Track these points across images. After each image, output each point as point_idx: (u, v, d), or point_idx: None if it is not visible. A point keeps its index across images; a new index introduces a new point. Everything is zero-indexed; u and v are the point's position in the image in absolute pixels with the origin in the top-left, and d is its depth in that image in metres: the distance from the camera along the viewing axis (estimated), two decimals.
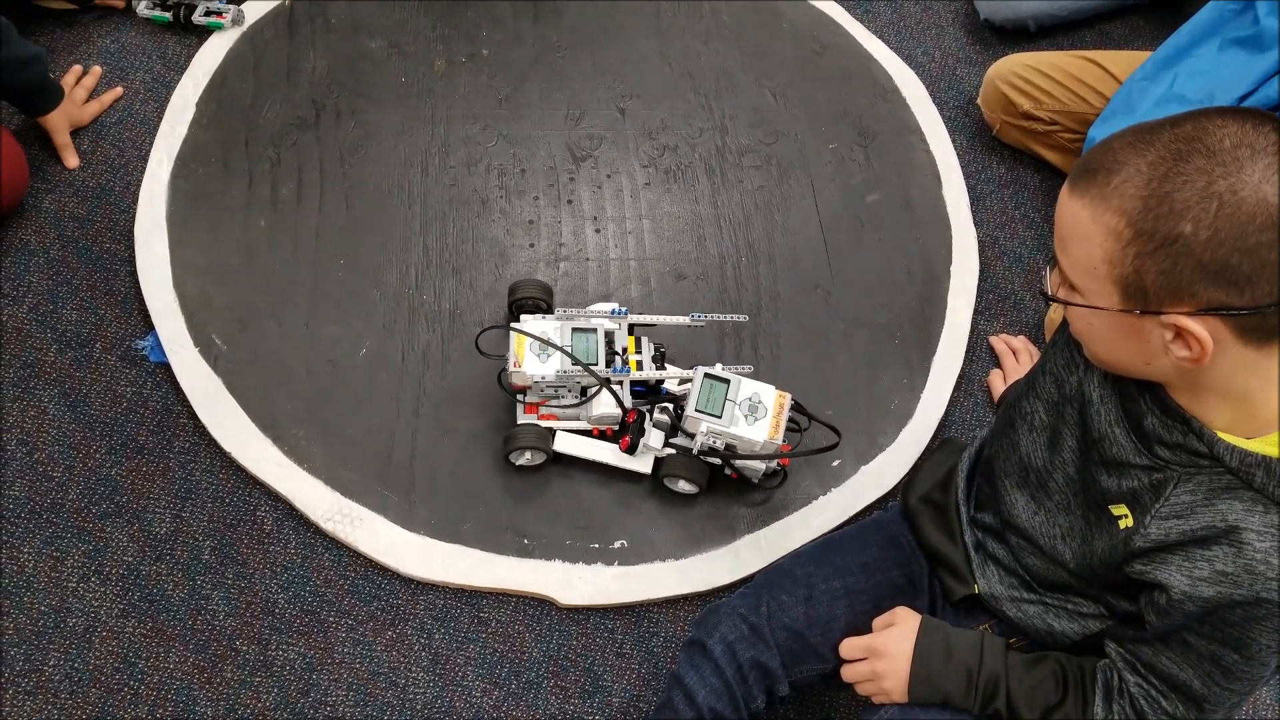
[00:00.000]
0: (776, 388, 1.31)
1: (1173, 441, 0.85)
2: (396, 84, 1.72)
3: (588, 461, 1.38)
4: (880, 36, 1.90)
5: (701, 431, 1.29)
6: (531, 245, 1.60)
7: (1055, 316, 1.55)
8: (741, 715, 1.08)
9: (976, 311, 1.62)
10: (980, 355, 1.60)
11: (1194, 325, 0.76)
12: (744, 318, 1.47)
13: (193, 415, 1.40)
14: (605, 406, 1.34)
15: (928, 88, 1.84)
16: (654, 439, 1.33)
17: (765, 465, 1.34)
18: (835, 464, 1.44)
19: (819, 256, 1.63)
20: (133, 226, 1.53)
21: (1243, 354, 0.77)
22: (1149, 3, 1.97)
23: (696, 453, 1.32)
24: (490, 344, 1.41)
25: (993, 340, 1.60)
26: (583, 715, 1.28)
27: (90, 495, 1.35)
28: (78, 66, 1.68)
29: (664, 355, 1.42)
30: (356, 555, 1.34)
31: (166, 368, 1.44)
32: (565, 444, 1.36)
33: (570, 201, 1.65)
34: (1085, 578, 0.96)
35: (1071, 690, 0.95)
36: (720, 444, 1.30)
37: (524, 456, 1.36)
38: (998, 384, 1.54)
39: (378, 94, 1.71)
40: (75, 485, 1.35)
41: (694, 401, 1.28)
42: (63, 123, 1.58)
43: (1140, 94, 1.46)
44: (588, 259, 1.59)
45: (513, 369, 1.30)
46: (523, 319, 1.37)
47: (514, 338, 1.31)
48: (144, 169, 1.59)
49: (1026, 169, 1.79)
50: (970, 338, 1.59)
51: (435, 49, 1.77)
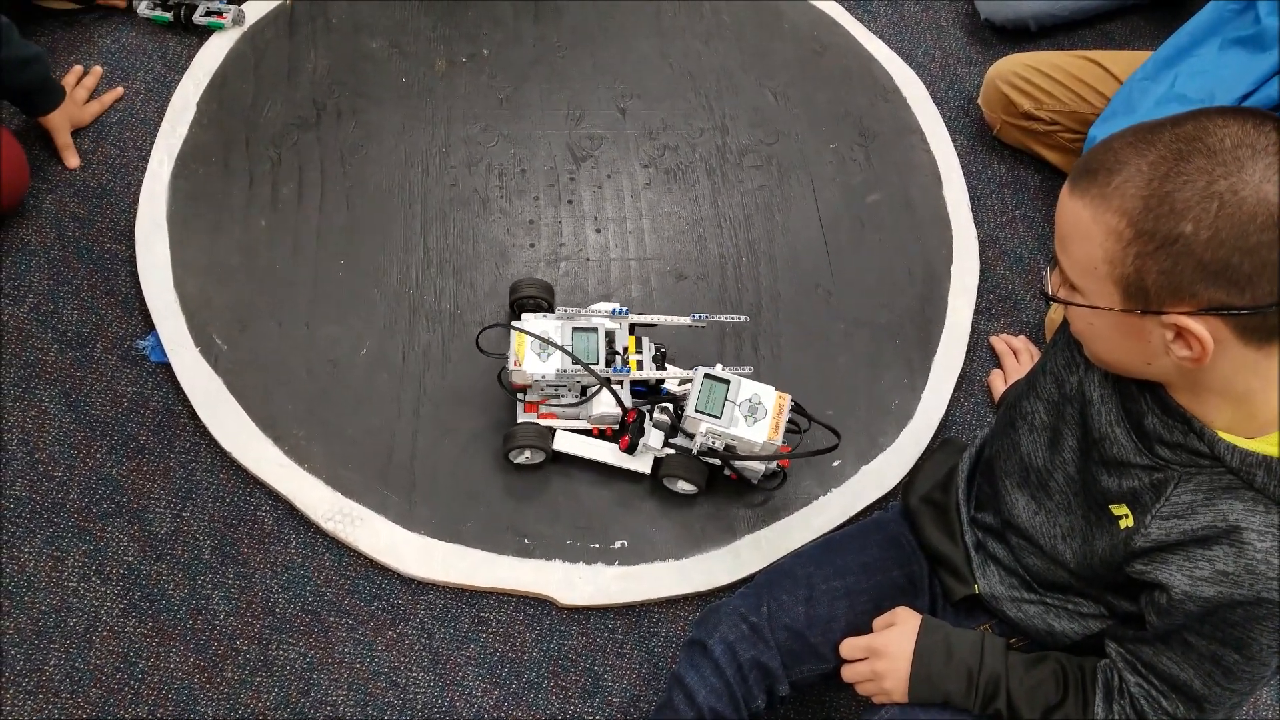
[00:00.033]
0: (777, 388, 1.31)
1: (1173, 441, 0.85)
2: (397, 84, 1.73)
3: (587, 461, 1.38)
4: (881, 36, 1.90)
5: (701, 432, 1.29)
6: (532, 245, 1.60)
7: (1056, 316, 1.55)
8: (742, 715, 1.08)
9: (977, 311, 1.62)
10: (981, 355, 1.60)
11: (1195, 325, 0.76)
12: (745, 319, 1.47)
13: (193, 415, 1.40)
14: (605, 406, 1.34)
15: (928, 88, 1.84)
16: (653, 439, 1.33)
17: (765, 466, 1.34)
18: (836, 464, 1.44)
19: (819, 256, 1.63)
20: (133, 226, 1.53)
21: (1243, 354, 0.77)
22: (1149, 3, 1.97)
23: (696, 453, 1.32)
24: (491, 342, 1.41)
25: (993, 340, 1.60)
26: (583, 715, 1.28)
27: (91, 495, 1.35)
28: (78, 66, 1.68)
29: (665, 355, 1.42)
30: (357, 555, 1.34)
31: (167, 368, 1.44)
32: (565, 443, 1.36)
33: (571, 201, 1.65)
34: (1086, 578, 0.96)
35: (1072, 690, 0.95)
36: (719, 445, 1.30)
37: (523, 455, 1.36)
38: (998, 384, 1.54)
39: (378, 94, 1.71)
40: (76, 485, 1.35)
41: (694, 402, 1.28)
42: (64, 123, 1.58)
43: (1141, 94, 1.46)
44: (588, 259, 1.59)
45: (513, 367, 1.30)
46: (524, 318, 1.37)
47: (515, 336, 1.31)
48: (145, 169, 1.59)
49: (1027, 169, 1.79)
50: (971, 338, 1.59)
51: (436, 49, 1.78)
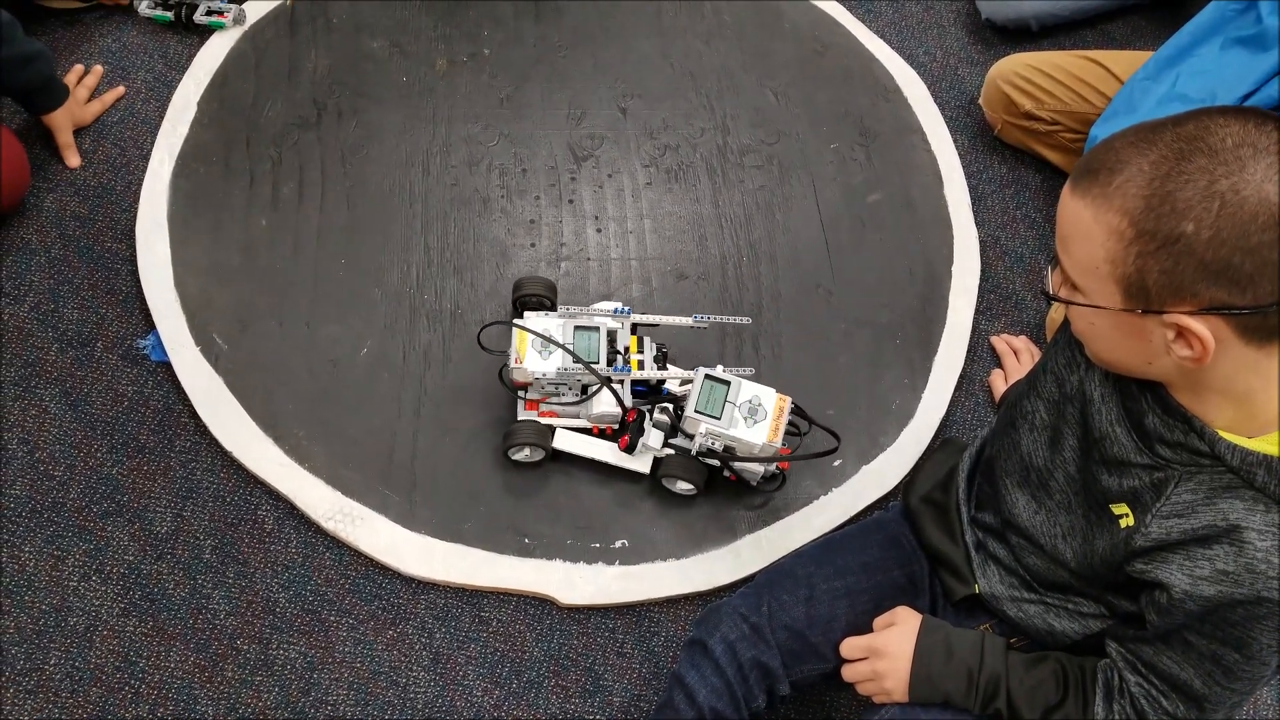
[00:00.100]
0: (777, 389, 1.30)
1: (1174, 440, 0.85)
2: (398, 83, 1.73)
3: (587, 460, 1.38)
4: (882, 36, 1.90)
5: (700, 432, 1.29)
6: (533, 245, 1.60)
7: (1056, 316, 1.55)
8: (742, 715, 1.08)
9: (978, 311, 1.62)
10: (981, 355, 1.59)
11: (1196, 325, 0.76)
12: (747, 320, 1.47)
13: (194, 415, 1.40)
14: (605, 405, 1.34)
15: (929, 87, 1.84)
16: (653, 439, 1.33)
17: (764, 468, 1.34)
18: (836, 464, 1.44)
19: (820, 256, 1.63)
20: (134, 226, 1.53)
21: (1244, 353, 0.77)
22: (1150, 2, 1.97)
23: (695, 454, 1.32)
24: (492, 340, 1.41)
25: (994, 340, 1.60)
26: (584, 715, 1.28)
27: (91, 494, 1.35)
28: (79, 66, 1.68)
29: (666, 355, 1.42)
30: (357, 555, 1.34)
31: (167, 367, 1.44)
32: (564, 441, 1.36)
33: (571, 201, 1.65)
34: (1086, 577, 0.96)
35: (1072, 690, 0.95)
36: (719, 445, 1.30)
37: (523, 452, 1.36)
38: (999, 384, 1.54)
39: (379, 93, 1.71)
40: (76, 484, 1.35)
41: (694, 402, 1.28)
42: (66, 122, 1.58)
43: (1142, 93, 1.45)
44: (589, 258, 1.59)
45: (514, 365, 1.30)
46: (526, 316, 1.37)
47: (516, 334, 1.31)
48: (145, 168, 1.59)
49: (1028, 169, 1.79)
50: (971, 338, 1.59)
51: (437, 49, 1.78)
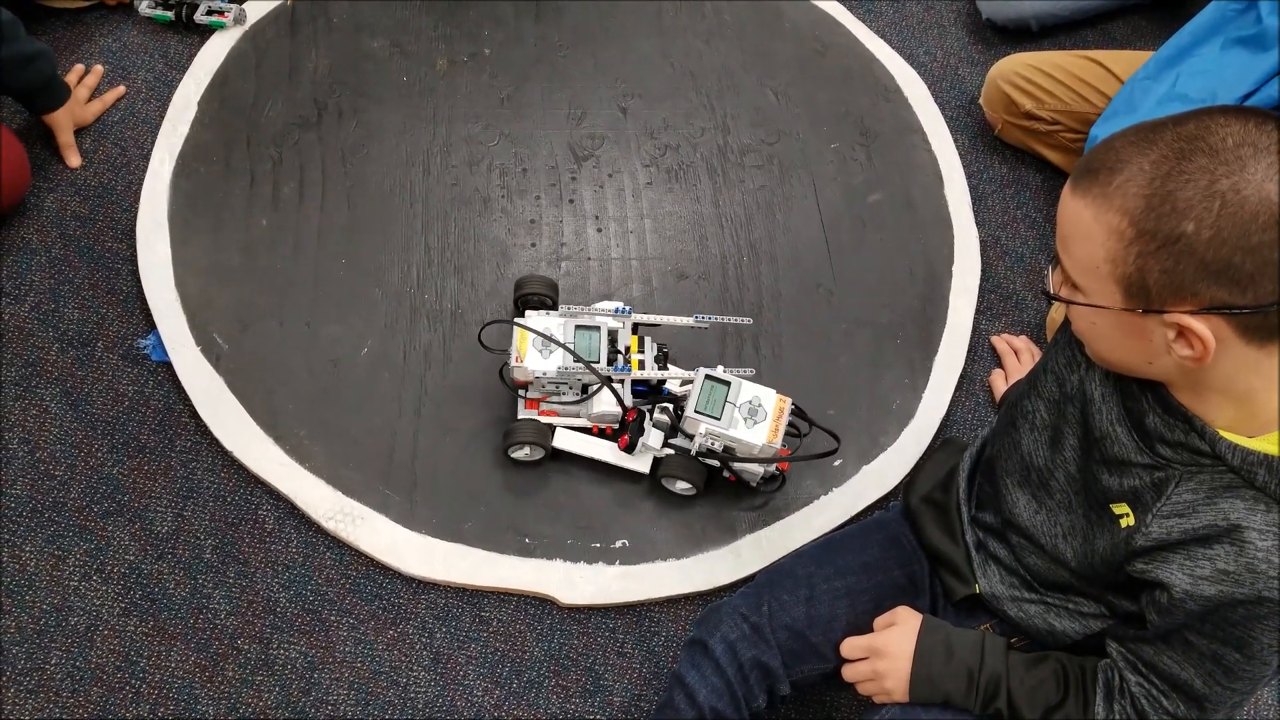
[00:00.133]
0: (778, 389, 1.30)
1: (1174, 440, 0.85)
2: (398, 83, 1.73)
3: (587, 460, 1.38)
4: (882, 36, 1.90)
5: (700, 433, 1.29)
6: (533, 244, 1.60)
7: (1057, 316, 1.55)
8: (743, 714, 1.08)
9: (978, 311, 1.62)
10: (982, 355, 1.59)
11: (1196, 324, 0.75)
12: (748, 320, 1.46)
13: (194, 414, 1.40)
14: (605, 404, 1.34)
15: (930, 87, 1.84)
16: (653, 439, 1.33)
17: (764, 469, 1.34)
18: (837, 464, 1.44)
19: (821, 256, 1.63)
20: (134, 225, 1.53)
21: (1245, 353, 0.77)
22: (1151, 2, 1.97)
23: (695, 454, 1.32)
24: (493, 338, 1.41)
25: (994, 340, 1.60)
26: (584, 714, 1.28)
27: (92, 494, 1.35)
28: (80, 65, 1.68)
29: (667, 355, 1.42)
30: (358, 554, 1.34)
31: (168, 367, 1.44)
32: (564, 440, 1.36)
33: (572, 201, 1.65)
34: (1086, 577, 0.96)
35: (1072, 690, 0.95)
36: (718, 446, 1.30)
37: (523, 451, 1.36)
38: (999, 384, 1.54)
39: (379, 93, 1.71)
40: (77, 484, 1.35)
41: (694, 402, 1.28)
42: (67, 121, 1.58)
43: (1142, 93, 1.45)
44: (589, 258, 1.59)
45: (514, 364, 1.30)
46: (528, 315, 1.37)
47: (517, 332, 1.31)
48: (146, 168, 1.59)
49: (1028, 169, 1.79)
50: (972, 337, 1.59)
51: (437, 48, 1.78)
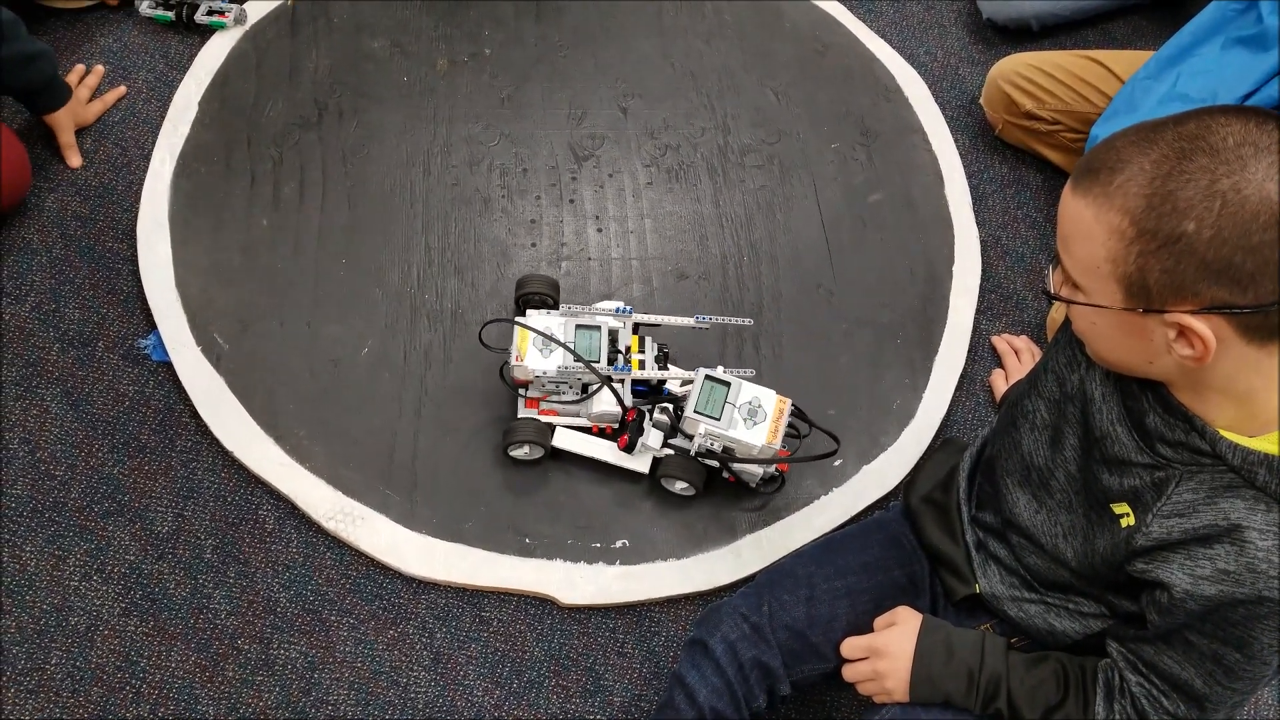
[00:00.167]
0: (778, 389, 1.30)
1: (1175, 440, 0.85)
2: (399, 83, 1.73)
3: (587, 459, 1.38)
4: (883, 36, 1.90)
5: (699, 433, 1.29)
6: (534, 244, 1.60)
7: (1057, 316, 1.55)
8: (743, 715, 1.08)
9: (978, 311, 1.62)
10: (982, 355, 1.59)
11: (1197, 324, 0.75)
12: (749, 321, 1.46)
13: (195, 414, 1.40)
14: (605, 404, 1.34)
15: (930, 87, 1.84)
16: (652, 439, 1.33)
17: (763, 470, 1.34)
18: (837, 464, 1.44)
19: (821, 256, 1.63)
20: (135, 226, 1.54)
21: (1245, 352, 0.77)
22: (1151, 2, 1.97)
23: (694, 454, 1.32)
24: (493, 337, 1.41)
25: (995, 340, 1.60)
26: (584, 714, 1.28)
27: (92, 494, 1.35)
28: (81, 65, 1.68)
29: (667, 355, 1.42)
30: (358, 554, 1.34)
31: (169, 367, 1.44)
32: (564, 440, 1.36)
33: (572, 201, 1.65)
34: (1087, 577, 0.96)
35: (1073, 690, 0.95)
36: (718, 446, 1.30)
37: (522, 450, 1.36)
38: (1000, 383, 1.53)
39: (380, 93, 1.71)
40: (77, 484, 1.35)
41: (693, 403, 1.28)
42: (68, 121, 1.58)
43: (1143, 93, 1.45)
44: (590, 258, 1.59)
45: (515, 363, 1.30)
46: (528, 314, 1.37)
47: (518, 332, 1.31)
48: (146, 168, 1.59)
49: (1029, 168, 1.79)
50: (972, 337, 1.59)
51: (437, 48, 1.78)
